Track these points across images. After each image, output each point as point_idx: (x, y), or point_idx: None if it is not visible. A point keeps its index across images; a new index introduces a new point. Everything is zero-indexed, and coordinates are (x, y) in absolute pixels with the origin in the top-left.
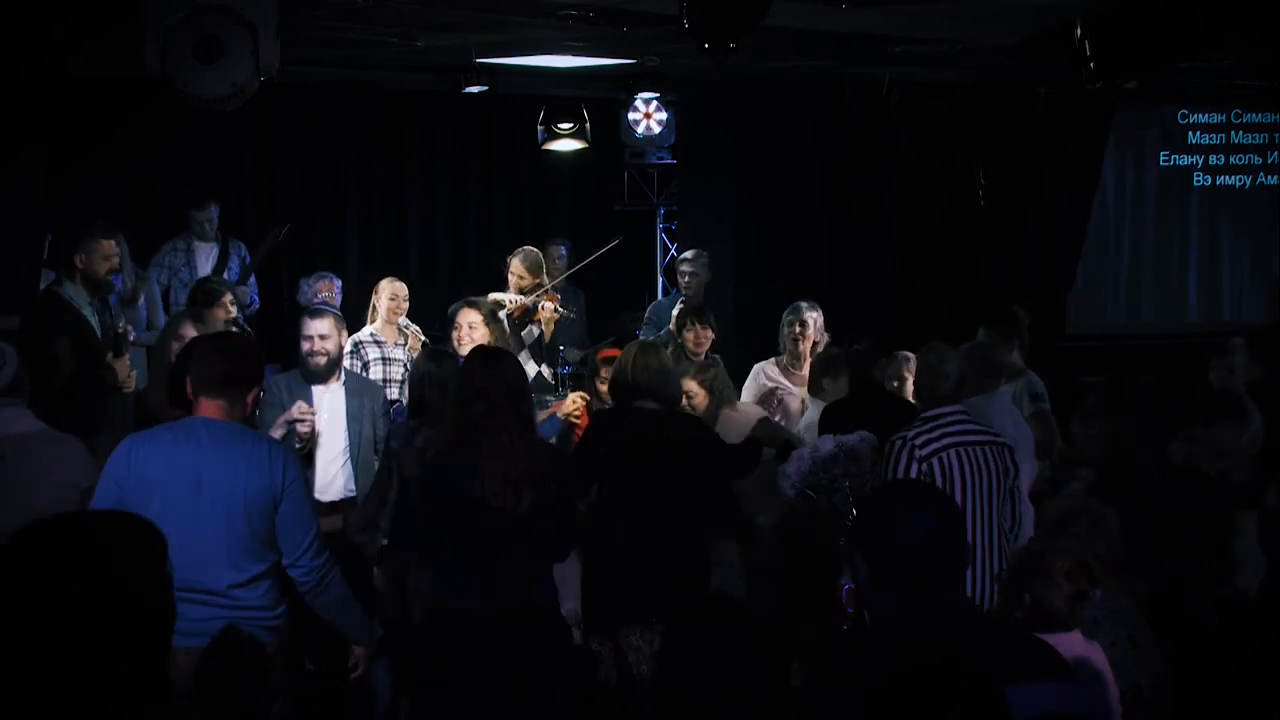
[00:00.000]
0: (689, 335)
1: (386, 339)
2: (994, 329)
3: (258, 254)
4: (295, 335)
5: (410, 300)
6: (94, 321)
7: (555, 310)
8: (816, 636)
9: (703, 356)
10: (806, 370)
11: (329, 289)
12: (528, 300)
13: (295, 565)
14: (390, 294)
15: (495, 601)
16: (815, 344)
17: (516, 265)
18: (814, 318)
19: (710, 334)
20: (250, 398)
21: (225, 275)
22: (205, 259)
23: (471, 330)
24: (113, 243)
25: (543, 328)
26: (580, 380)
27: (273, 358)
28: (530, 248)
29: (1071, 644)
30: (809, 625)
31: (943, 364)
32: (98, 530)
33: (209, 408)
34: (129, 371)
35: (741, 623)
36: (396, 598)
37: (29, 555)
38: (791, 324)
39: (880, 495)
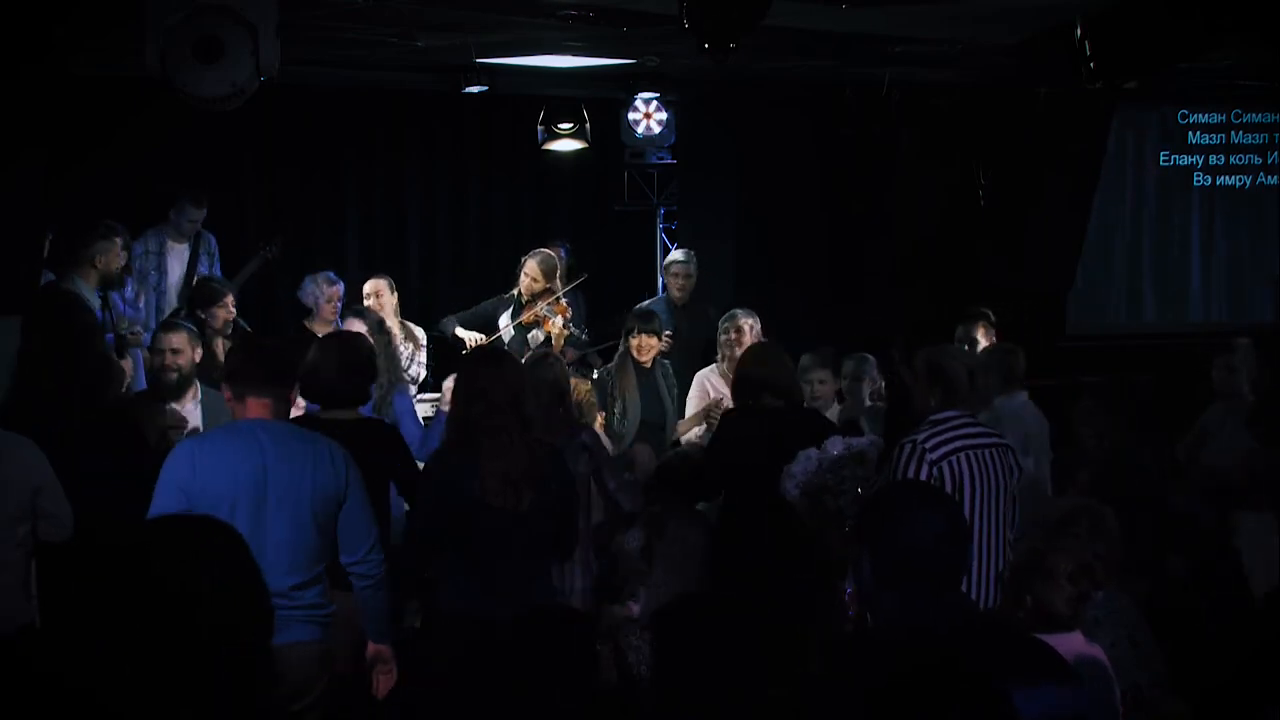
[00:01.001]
0: (634, 343)
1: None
2: (972, 324)
3: (244, 272)
4: (297, 334)
5: (410, 300)
6: (101, 317)
7: (565, 327)
8: (819, 638)
9: (649, 364)
10: None
11: (338, 295)
12: (538, 309)
13: (362, 562)
14: (367, 292)
15: (495, 602)
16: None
17: (532, 268)
18: (750, 324)
19: (656, 342)
20: (292, 394)
21: (197, 276)
22: (177, 261)
23: None
24: (120, 239)
25: (551, 339)
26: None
27: None
28: (548, 252)
29: (1073, 645)
30: (812, 627)
31: (957, 365)
32: (152, 537)
33: (256, 407)
34: (131, 372)
35: (736, 623)
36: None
37: (93, 559)
38: (728, 330)
39: (886, 496)
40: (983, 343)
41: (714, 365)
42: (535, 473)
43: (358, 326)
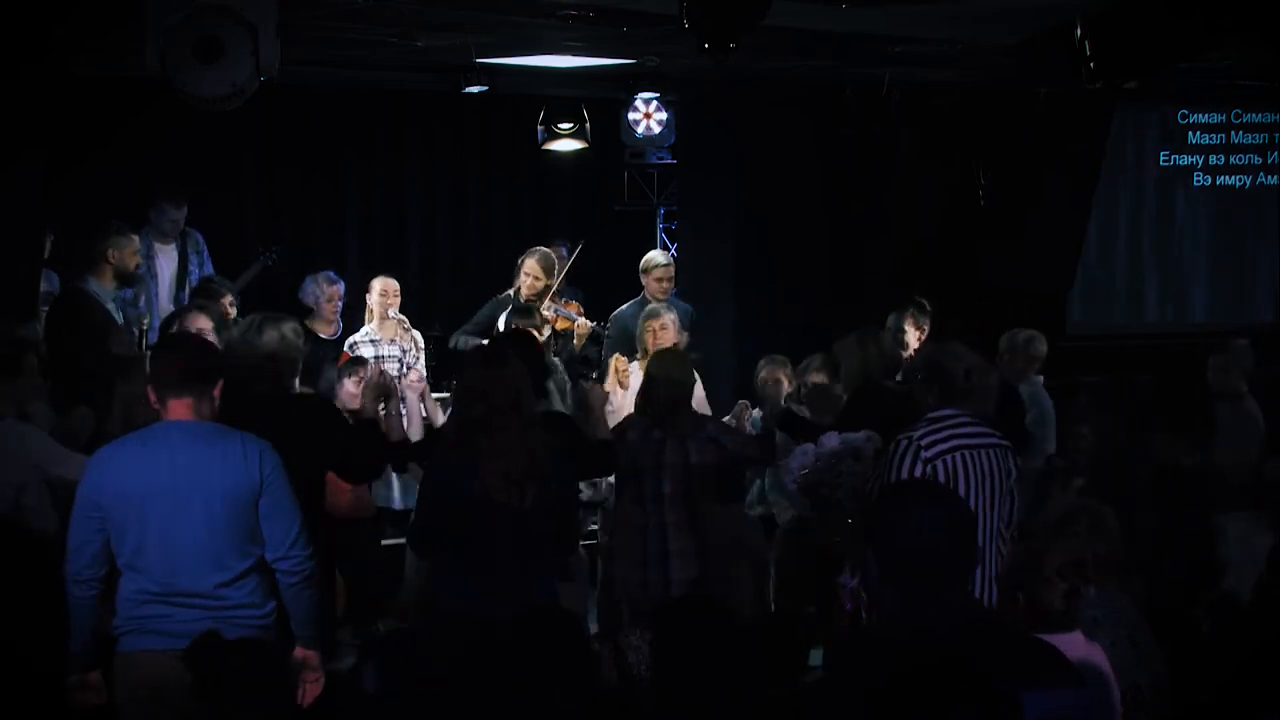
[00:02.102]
0: None
1: (382, 337)
2: (902, 313)
3: (243, 278)
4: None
5: (410, 300)
6: (118, 317)
7: (584, 323)
8: (818, 635)
9: None
10: None
11: (338, 295)
12: (544, 309)
13: (285, 558)
14: (380, 290)
15: (495, 601)
16: (676, 345)
17: (532, 266)
18: (672, 319)
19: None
20: (216, 391)
21: (188, 280)
22: (166, 262)
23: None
24: (136, 237)
25: (574, 337)
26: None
27: None
28: (545, 249)
29: (1074, 645)
30: (810, 624)
31: (956, 364)
32: None
33: (177, 409)
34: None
35: (731, 623)
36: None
37: None
38: (650, 328)
39: (892, 493)
40: (911, 332)
41: (635, 360)
42: (536, 471)
43: (201, 322)
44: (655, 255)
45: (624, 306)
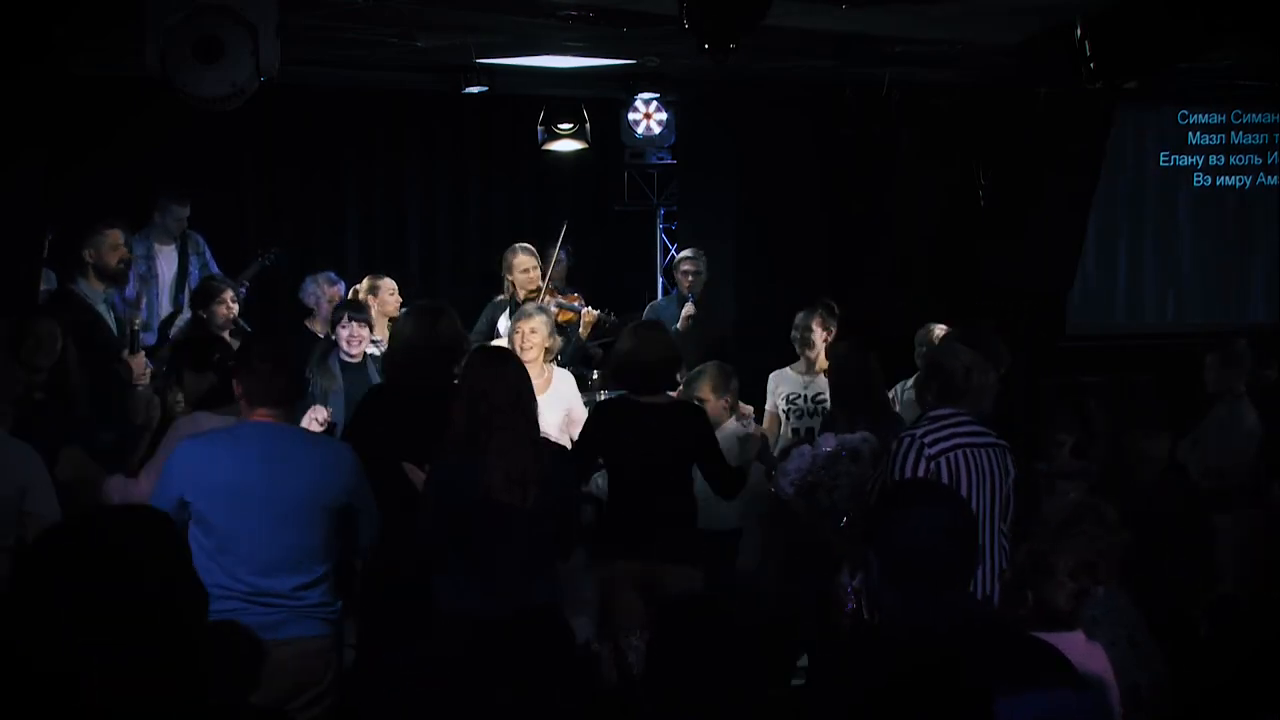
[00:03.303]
0: (343, 334)
1: (382, 338)
2: (810, 313)
3: (242, 278)
4: (295, 333)
5: (410, 300)
6: (109, 319)
7: (589, 310)
8: (816, 636)
9: (359, 358)
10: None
11: (338, 295)
12: (550, 309)
13: (364, 550)
14: (389, 290)
15: (495, 601)
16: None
17: (522, 260)
18: (542, 321)
19: (367, 333)
20: (300, 395)
21: (188, 282)
22: (166, 264)
23: None
24: (118, 233)
25: (579, 330)
26: (582, 381)
27: None
28: (524, 244)
29: (1074, 644)
30: (809, 625)
31: (955, 363)
32: (110, 529)
33: (264, 414)
34: (144, 368)
35: (729, 623)
36: None
37: (48, 558)
38: (520, 330)
39: (894, 493)
40: (818, 332)
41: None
42: (538, 472)
43: (50, 326)
44: (684, 251)
45: (660, 299)
